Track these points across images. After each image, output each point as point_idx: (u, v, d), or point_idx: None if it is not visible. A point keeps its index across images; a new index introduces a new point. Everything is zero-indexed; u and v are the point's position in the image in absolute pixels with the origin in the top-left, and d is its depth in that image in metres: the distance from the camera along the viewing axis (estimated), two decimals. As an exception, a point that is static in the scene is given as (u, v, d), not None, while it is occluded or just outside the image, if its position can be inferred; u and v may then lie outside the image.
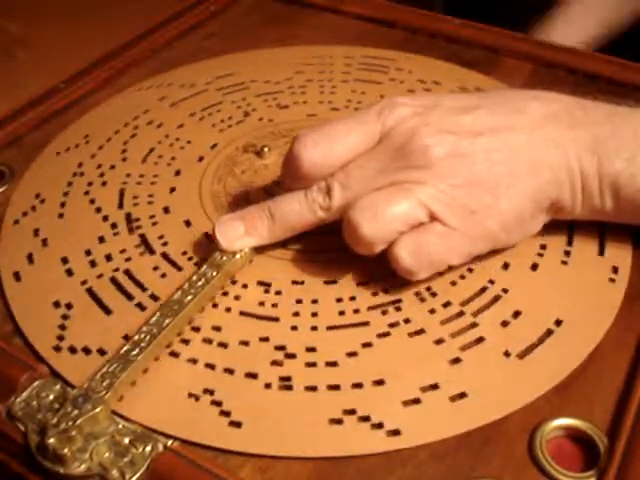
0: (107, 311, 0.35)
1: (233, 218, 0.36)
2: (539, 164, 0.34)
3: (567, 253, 0.36)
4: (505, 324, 0.33)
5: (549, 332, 0.33)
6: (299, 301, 0.35)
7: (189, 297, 0.33)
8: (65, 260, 0.37)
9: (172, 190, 0.41)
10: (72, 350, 0.33)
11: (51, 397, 0.30)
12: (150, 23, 0.56)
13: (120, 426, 0.29)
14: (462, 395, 0.30)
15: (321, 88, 0.49)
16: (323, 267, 0.36)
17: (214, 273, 0.34)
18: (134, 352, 0.31)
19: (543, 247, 0.36)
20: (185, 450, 0.29)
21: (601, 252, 0.36)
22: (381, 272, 0.35)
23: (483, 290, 0.35)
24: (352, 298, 0.34)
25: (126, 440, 0.29)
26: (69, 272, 0.37)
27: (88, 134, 0.46)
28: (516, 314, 0.33)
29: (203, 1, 0.59)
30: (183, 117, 0.47)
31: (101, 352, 0.33)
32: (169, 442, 0.29)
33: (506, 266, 0.36)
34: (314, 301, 0.34)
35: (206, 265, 0.35)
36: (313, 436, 0.29)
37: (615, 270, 0.35)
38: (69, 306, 0.35)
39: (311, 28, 0.56)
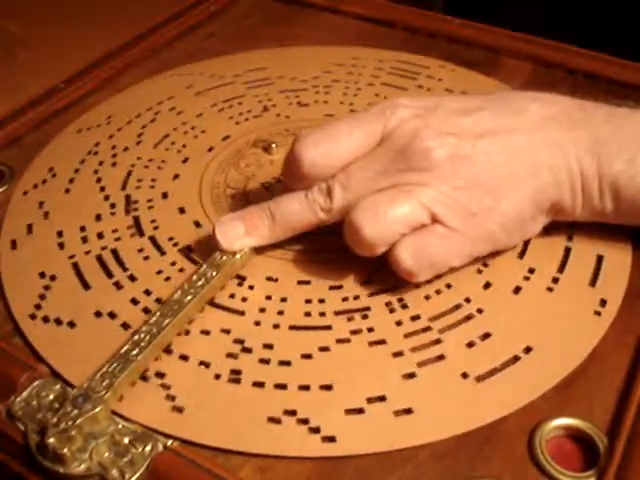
0: (86, 286, 0.36)
1: (233, 218, 0.36)
2: (539, 165, 0.33)
3: (555, 280, 0.35)
4: (471, 345, 0.32)
5: (515, 359, 0.31)
6: (268, 297, 0.35)
7: (189, 297, 0.33)
8: (60, 234, 0.39)
9: (175, 177, 0.42)
10: (45, 319, 0.34)
11: (51, 397, 0.30)
12: (150, 23, 0.56)
13: (120, 426, 0.29)
14: (408, 411, 0.30)
15: (345, 89, 0.49)
16: (301, 266, 0.36)
17: (214, 273, 0.34)
18: (134, 352, 0.31)
19: (531, 271, 0.35)
20: (185, 450, 0.29)
21: (593, 282, 0.35)
22: (359, 278, 0.35)
23: (457, 307, 0.34)
24: (321, 300, 0.34)
25: (126, 440, 0.29)
26: (60, 245, 0.38)
27: (112, 115, 0.48)
28: (485, 336, 0.32)
29: (203, 1, 0.59)
30: (204, 107, 0.48)
31: (71, 325, 0.34)
32: (169, 442, 0.29)
33: (487, 286, 0.35)
34: (283, 299, 0.35)
35: (206, 265, 0.35)
36: (248, 431, 0.29)
37: (603, 303, 0.34)
38: (53, 278, 0.37)
39: (311, 28, 0.56)
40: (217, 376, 0.31)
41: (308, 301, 0.34)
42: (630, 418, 0.29)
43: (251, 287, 0.35)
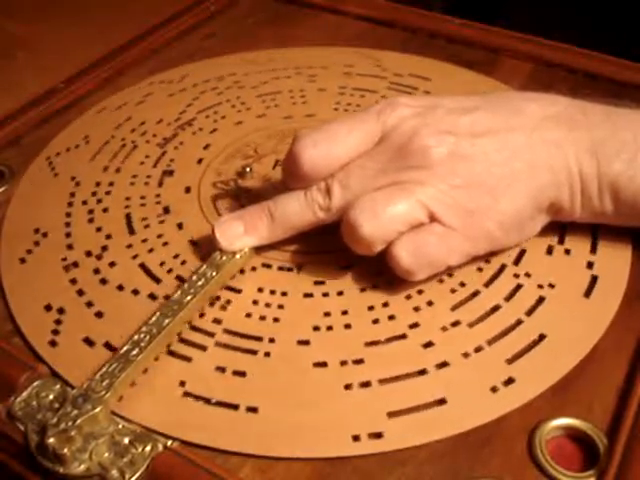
0: (76, 183, 0.42)
1: (233, 218, 0.36)
2: (539, 165, 0.33)
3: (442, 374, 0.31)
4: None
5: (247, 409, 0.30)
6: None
7: (189, 297, 0.33)
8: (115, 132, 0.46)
9: (238, 123, 0.46)
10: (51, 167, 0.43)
11: (51, 397, 0.30)
12: (150, 23, 0.56)
13: (120, 426, 0.29)
14: (191, 396, 0.30)
15: None
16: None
17: (214, 273, 0.34)
18: (134, 352, 0.31)
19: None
20: (185, 450, 0.29)
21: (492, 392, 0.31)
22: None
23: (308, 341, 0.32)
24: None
25: (126, 440, 0.29)
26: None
27: (273, 59, 0.52)
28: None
29: (203, 1, 0.59)
30: (333, 85, 0.49)
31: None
32: (169, 442, 0.29)
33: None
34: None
35: (206, 265, 0.35)
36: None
37: (508, 382, 0.30)
38: (89, 139, 0.45)
39: (311, 28, 0.56)
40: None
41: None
42: (630, 418, 0.29)
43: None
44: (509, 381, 0.31)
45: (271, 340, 0.33)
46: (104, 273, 0.36)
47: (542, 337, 0.32)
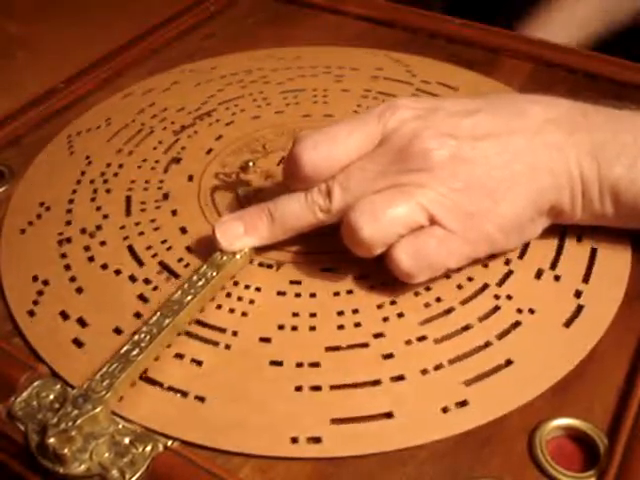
0: (89, 163, 0.43)
1: (233, 218, 0.36)
2: (539, 168, 0.33)
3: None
4: None
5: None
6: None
7: (189, 297, 0.33)
8: (142, 111, 0.47)
9: (254, 118, 0.46)
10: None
11: (51, 397, 0.30)
12: (150, 23, 0.56)
13: (120, 426, 0.29)
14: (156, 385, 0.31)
15: None
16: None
17: (214, 273, 0.34)
18: (134, 352, 0.31)
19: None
20: (185, 450, 0.29)
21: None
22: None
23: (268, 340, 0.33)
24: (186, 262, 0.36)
25: (126, 440, 0.29)
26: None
27: (313, 57, 0.52)
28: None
29: (203, 1, 0.59)
30: (358, 88, 0.49)
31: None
32: (169, 442, 0.29)
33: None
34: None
35: (206, 265, 0.35)
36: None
37: (462, 404, 0.30)
38: (111, 121, 0.47)
39: (311, 28, 0.56)
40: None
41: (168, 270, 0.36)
42: (630, 418, 0.29)
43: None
44: (462, 403, 0.30)
45: (234, 333, 0.33)
46: (93, 251, 0.37)
47: (508, 363, 0.31)
